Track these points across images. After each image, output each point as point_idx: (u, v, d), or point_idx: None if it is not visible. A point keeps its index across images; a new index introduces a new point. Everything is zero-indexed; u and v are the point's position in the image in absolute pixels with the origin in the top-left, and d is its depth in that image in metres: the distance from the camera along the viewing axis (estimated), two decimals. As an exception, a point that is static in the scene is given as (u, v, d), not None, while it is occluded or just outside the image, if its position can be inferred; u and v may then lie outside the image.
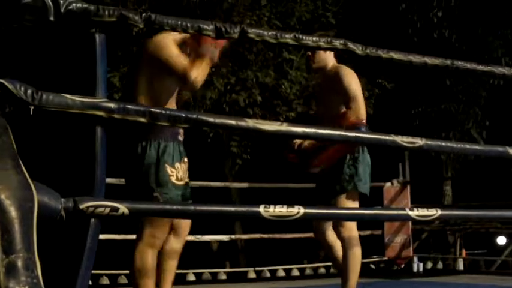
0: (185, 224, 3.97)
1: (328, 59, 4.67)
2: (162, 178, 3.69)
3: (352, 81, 4.53)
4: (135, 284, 3.72)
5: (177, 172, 3.74)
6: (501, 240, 15.05)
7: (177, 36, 3.82)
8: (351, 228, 4.42)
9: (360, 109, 4.45)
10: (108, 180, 2.70)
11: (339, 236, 4.47)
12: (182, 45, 3.85)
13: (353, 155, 4.48)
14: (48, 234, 2.21)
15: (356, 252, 4.44)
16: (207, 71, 3.78)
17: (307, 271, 10.03)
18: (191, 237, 8.46)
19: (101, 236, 2.53)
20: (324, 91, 4.75)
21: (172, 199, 3.68)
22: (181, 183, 3.77)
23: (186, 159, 3.83)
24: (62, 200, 2.28)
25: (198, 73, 3.71)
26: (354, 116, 4.42)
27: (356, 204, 4.48)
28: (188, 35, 3.86)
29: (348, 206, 4.39)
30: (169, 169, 3.71)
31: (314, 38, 3.01)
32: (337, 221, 4.38)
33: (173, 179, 3.72)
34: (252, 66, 11.63)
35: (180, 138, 3.82)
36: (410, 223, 9.39)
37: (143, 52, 3.87)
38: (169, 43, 3.75)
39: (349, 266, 4.43)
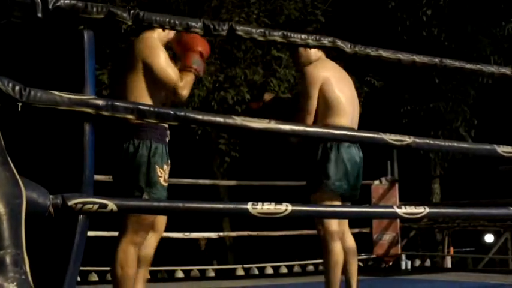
0: (161, 224, 3.98)
1: (309, 57, 4.48)
2: (152, 179, 3.70)
3: (305, 81, 4.42)
4: (116, 280, 3.72)
5: (165, 174, 3.76)
6: (489, 238, 15.14)
7: (162, 34, 3.83)
8: (329, 225, 4.38)
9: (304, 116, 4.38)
10: (97, 177, 2.70)
11: (318, 233, 4.44)
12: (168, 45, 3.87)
13: (325, 151, 4.37)
14: (37, 231, 2.21)
15: (335, 247, 4.40)
16: (192, 83, 3.84)
17: (296, 268, 10.04)
18: (179, 235, 8.47)
19: (90, 233, 2.53)
20: None
21: (160, 199, 3.68)
22: (167, 184, 3.79)
23: (169, 161, 3.85)
24: (51, 196, 2.28)
25: (187, 89, 3.78)
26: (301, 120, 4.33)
27: (332, 202, 4.40)
28: (172, 35, 3.88)
29: (322, 203, 4.36)
30: (159, 170, 3.72)
31: (302, 36, 3.01)
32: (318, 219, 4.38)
33: (161, 180, 3.74)
34: (240, 63, 11.63)
35: (167, 140, 3.83)
36: (398, 221, 9.40)
37: (131, 52, 3.83)
38: (159, 50, 3.75)
39: (329, 262, 4.42)
